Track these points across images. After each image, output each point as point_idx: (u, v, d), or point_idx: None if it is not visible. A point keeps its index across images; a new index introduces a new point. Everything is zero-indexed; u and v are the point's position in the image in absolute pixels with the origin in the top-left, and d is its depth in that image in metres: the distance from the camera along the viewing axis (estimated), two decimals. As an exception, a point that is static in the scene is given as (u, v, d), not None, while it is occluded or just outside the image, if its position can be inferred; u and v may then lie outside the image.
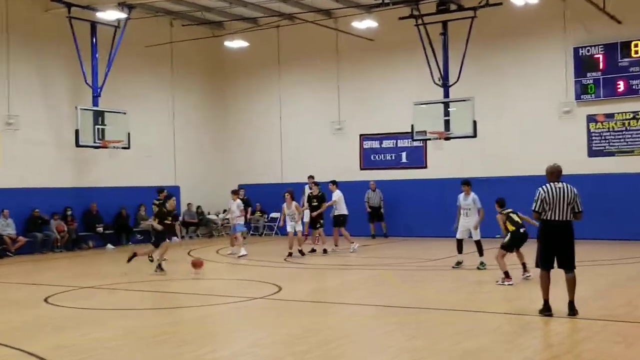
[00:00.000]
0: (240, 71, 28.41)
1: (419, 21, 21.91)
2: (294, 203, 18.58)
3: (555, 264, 9.75)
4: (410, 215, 24.50)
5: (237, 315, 10.85)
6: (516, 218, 13.21)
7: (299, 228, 18.60)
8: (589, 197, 21.44)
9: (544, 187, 9.75)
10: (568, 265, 9.68)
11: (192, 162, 27.40)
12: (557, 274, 9.82)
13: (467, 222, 15.01)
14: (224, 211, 26.87)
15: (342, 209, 19.95)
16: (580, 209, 9.70)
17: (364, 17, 23.21)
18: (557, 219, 9.59)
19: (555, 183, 9.75)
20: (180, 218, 25.72)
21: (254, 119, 28.23)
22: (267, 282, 13.76)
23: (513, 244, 13.09)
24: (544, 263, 9.76)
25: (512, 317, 10.13)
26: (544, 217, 9.67)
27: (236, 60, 28.16)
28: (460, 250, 15.28)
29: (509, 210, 13.38)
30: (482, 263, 14.81)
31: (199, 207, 26.82)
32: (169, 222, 16.65)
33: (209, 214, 27.29)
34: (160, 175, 25.52)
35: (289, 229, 18.53)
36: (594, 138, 22.06)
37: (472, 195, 15.13)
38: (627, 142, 21.58)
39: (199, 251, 20.75)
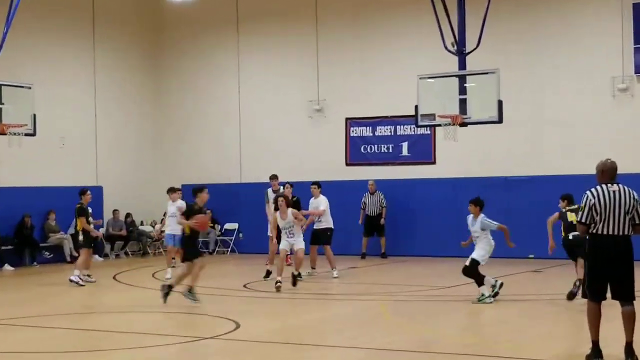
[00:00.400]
0: (186, 34, 28.32)
1: (427, -34, 21.92)
2: (290, 210, 18.25)
3: (609, 294, 9.57)
4: (413, 228, 24.48)
5: (179, 361, 10.73)
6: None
7: (300, 246, 17.94)
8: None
9: (592, 190, 9.57)
10: (625, 296, 9.43)
11: (120, 156, 27.23)
12: (612, 307, 9.78)
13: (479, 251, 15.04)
14: (162, 221, 26.69)
15: (328, 221, 19.86)
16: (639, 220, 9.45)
17: (352, -40, 23.12)
18: (610, 232, 9.36)
19: (609, 185, 9.54)
20: (103, 229, 25.54)
21: (203, 98, 28.11)
22: (221, 316, 13.64)
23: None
24: (592, 292, 9.52)
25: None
26: (593, 231, 9.45)
27: (180, 19, 28.05)
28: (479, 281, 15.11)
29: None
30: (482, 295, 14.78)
31: (128, 215, 26.63)
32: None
33: (141, 224, 27.11)
34: (77, 171, 25.36)
35: (282, 246, 18.03)
36: (659, 125, 22.21)
37: (481, 218, 14.96)
38: None
39: (128, 274, 20.57)
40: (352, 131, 25.92)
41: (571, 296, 14.35)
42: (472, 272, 14.72)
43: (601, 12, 22.77)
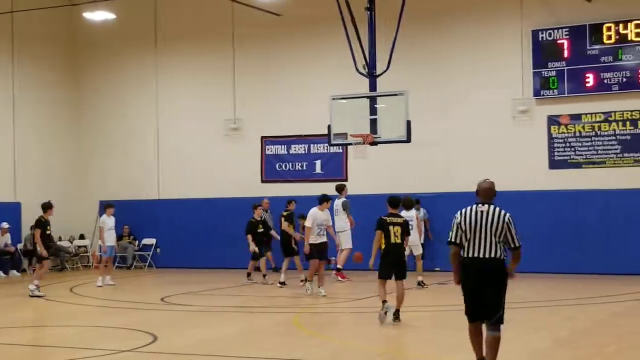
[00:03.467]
0: (105, 53, 27.97)
1: (339, -8, 22.02)
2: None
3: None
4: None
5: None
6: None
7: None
8: (550, 220, 22.24)
9: (462, 210, 9.24)
10: (490, 320, 9.00)
11: (39, 172, 26.70)
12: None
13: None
14: (81, 236, 26.36)
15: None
16: (516, 244, 9.06)
17: (268, -15, 23.14)
18: (476, 255, 8.99)
19: (479, 205, 9.16)
20: (21, 245, 25.12)
21: (122, 115, 27.79)
22: (139, 329, 13.48)
23: None
24: (466, 313, 9.19)
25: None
26: (462, 252, 9.15)
27: (99, 38, 27.70)
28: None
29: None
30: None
31: (47, 230, 26.15)
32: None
33: (60, 239, 26.62)
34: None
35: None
36: (556, 145, 22.59)
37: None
38: (597, 150, 22.19)
39: (48, 288, 20.20)
40: (268, 149, 25.89)
41: None
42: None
43: (503, 38, 23.14)
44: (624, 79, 21.76)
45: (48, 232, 19.39)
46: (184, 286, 20.76)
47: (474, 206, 9.11)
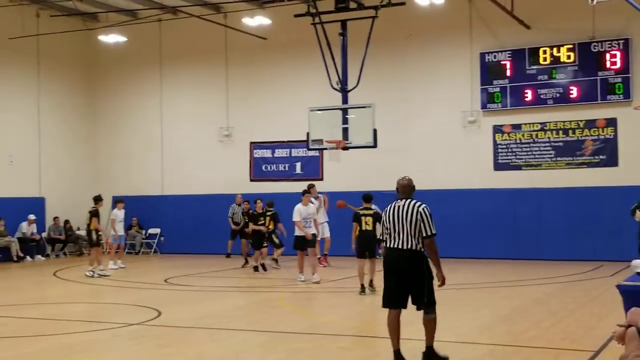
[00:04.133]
0: (117, 69, 27.86)
1: (316, 19, 21.96)
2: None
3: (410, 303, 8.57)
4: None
5: (106, 345, 10.54)
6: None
7: None
8: (494, 213, 22.41)
9: (386, 208, 8.73)
10: (420, 304, 8.45)
11: (60, 171, 26.59)
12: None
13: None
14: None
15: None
16: (429, 232, 8.34)
17: (255, 12, 23.19)
18: (395, 246, 8.41)
19: (398, 201, 8.60)
20: (45, 234, 25.05)
21: (131, 123, 27.72)
22: (145, 306, 13.50)
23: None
24: (384, 300, 8.63)
25: (418, 343, 10.25)
26: (385, 244, 8.62)
27: (112, 58, 27.60)
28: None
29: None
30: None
31: (67, 221, 26.02)
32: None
33: (78, 229, 26.51)
34: (23, 185, 24.76)
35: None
36: (500, 150, 22.75)
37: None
38: (534, 155, 22.35)
39: (67, 272, 20.13)
40: (255, 153, 25.87)
41: None
42: None
43: (455, 59, 23.23)
44: (558, 95, 21.95)
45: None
46: (184, 269, 20.78)
47: (394, 202, 8.59)
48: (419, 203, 8.44)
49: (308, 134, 22.06)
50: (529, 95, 22.25)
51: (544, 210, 22.00)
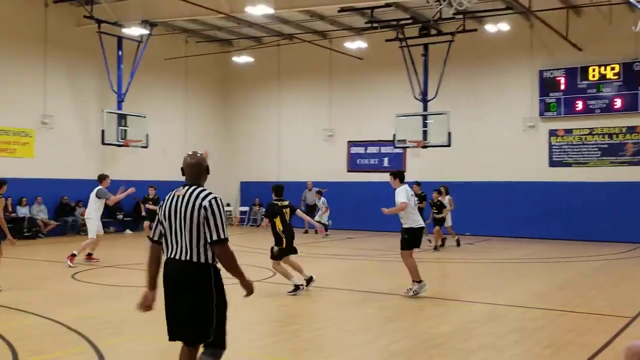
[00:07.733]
0: (246, 83, 28.23)
1: (403, 43, 21.84)
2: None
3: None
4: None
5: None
6: None
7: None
8: (549, 203, 21.68)
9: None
10: (192, 340, 4.68)
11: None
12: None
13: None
14: (227, 204, 26.63)
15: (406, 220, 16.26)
16: (214, 237, 4.59)
17: (355, 38, 23.11)
18: (172, 255, 4.70)
19: (180, 189, 4.91)
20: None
21: (256, 125, 28.05)
22: (262, 267, 13.19)
23: None
24: (168, 330, 4.74)
25: (482, 306, 9.96)
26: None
27: (242, 74, 28.00)
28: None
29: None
30: None
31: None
32: None
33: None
34: (174, 170, 25.28)
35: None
36: (554, 150, 21.94)
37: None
38: (583, 154, 21.50)
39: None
40: (352, 149, 25.77)
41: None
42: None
43: (518, 75, 22.53)
44: (604, 105, 21.07)
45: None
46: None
47: (174, 191, 4.88)
48: (205, 192, 4.81)
49: (394, 135, 21.97)
50: (579, 105, 21.40)
51: (591, 200, 21.12)
